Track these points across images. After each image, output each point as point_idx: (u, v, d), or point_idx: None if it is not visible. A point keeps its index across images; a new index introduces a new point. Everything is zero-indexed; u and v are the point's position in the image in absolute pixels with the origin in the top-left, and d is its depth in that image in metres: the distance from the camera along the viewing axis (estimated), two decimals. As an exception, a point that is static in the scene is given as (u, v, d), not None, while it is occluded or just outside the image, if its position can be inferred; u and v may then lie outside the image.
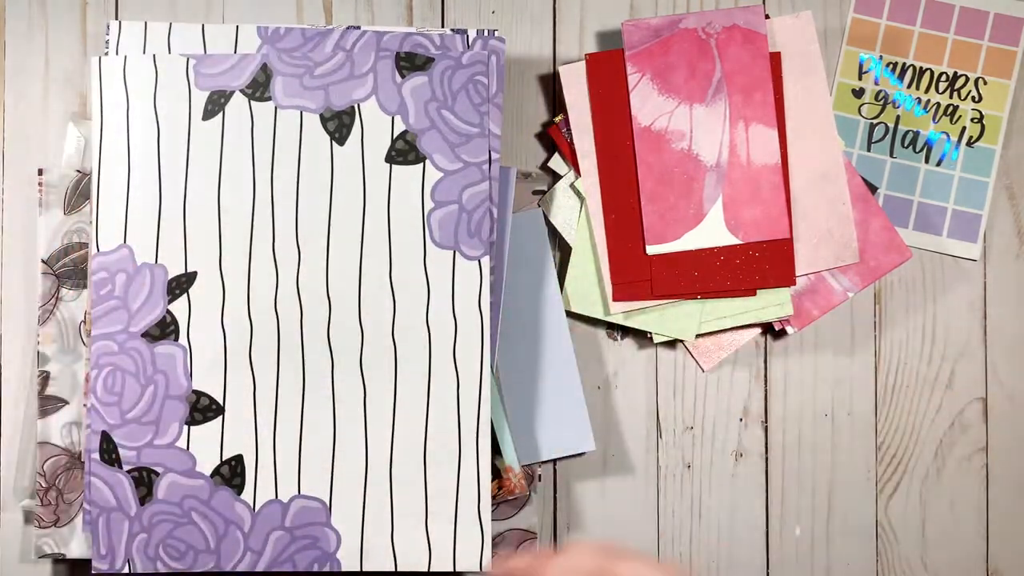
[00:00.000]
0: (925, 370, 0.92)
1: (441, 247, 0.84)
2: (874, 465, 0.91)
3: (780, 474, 0.90)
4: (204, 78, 0.85)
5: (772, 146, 0.87)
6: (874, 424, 0.91)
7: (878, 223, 0.89)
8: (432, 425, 0.83)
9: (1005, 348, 0.92)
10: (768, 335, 0.91)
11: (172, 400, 0.83)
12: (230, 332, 0.83)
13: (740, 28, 0.87)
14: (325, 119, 0.84)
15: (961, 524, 0.92)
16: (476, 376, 0.83)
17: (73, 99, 0.90)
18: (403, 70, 0.84)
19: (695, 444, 0.90)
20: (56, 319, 0.86)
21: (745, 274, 0.87)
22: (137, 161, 0.84)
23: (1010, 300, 0.92)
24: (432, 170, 0.84)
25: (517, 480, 0.85)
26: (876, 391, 0.91)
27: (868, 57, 0.91)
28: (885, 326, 0.92)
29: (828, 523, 0.91)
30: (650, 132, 0.87)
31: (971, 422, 0.92)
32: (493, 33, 0.85)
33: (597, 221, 0.88)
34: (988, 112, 0.91)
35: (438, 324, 0.83)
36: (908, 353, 0.92)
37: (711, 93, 0.87)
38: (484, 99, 0.84)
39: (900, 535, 0.91)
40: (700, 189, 0.87)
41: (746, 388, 0.91)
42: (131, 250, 0.84)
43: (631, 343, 0.91)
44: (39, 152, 0.89)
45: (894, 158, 0.91)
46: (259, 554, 0.83)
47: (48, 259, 0.86)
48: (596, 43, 0.91)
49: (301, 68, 0.84)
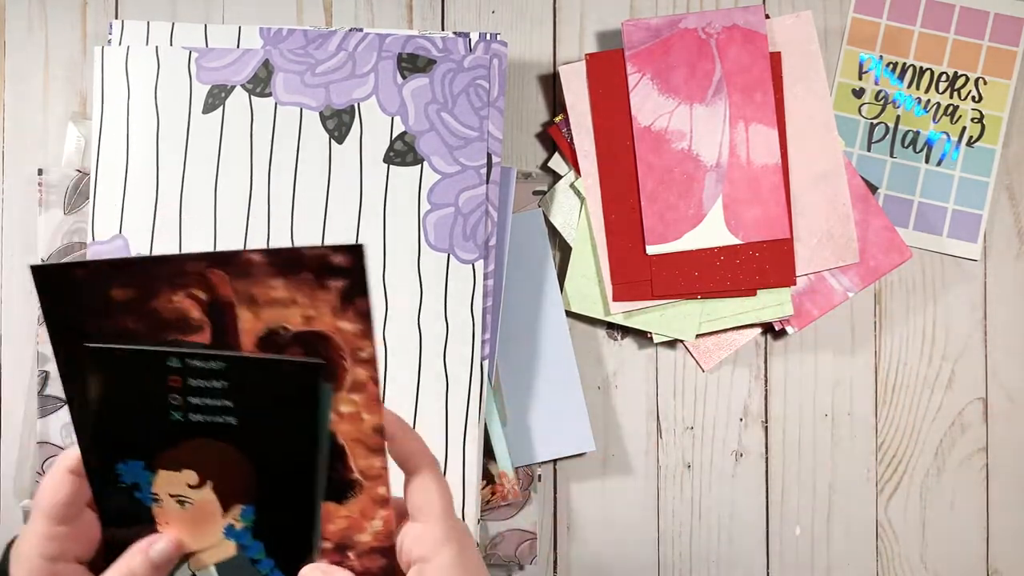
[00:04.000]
0: (925, 370, 0.91)
1: (436, 249, 0.84)
2: (874, 465, 0.91)
3: (780, 474, 0.90)
4: (205, 72, 0.85)
5: (772, 146, 0.87)
6: (874, 424, 0.91)
7: (878, 223, 0.89)
8: (419, 426, 0.83)
9: (1005, 348, 0.92)
10: (768, 335, 0.91)
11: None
12: (224, 327, 0.83)
13: (740, 28, 0.87)
14: (325, 117, 0.84)
15: (961, 524, 0.91)
16: (465, 380, 0.83)
17: (73, 99, 0.90)
18: (404, 71, 0.84)
19: (695, 444, 0.90)
20: (56, 319, 0.86)
21: (745, 274, 0.86)
22: (136, 152, 0.84)
23: (1010, 300, 0.92)
24: (430, 172, 0.84)
25: (511, 486, 0.85)
26: (876, 391, 0.91)
27: (868, 57, 0.91)
28: (885, 326, 0.91)
29: (828, 523, 0.90)
30: (650, 132, 0.87)
31: (971, 422, 0.92)
32: (495, 36, 0.85)
33: (597, 221, 0.88)
34: (988, 112, 0.91)
35: (429, 326, 0.83)
36: (908, 353, 0.91)
37: (711, 93, 0.87)
38: (484, 103, 0.84)
39: (900, 535, 0.91)
40: (700, 189, 0.87)
41: (746, 388, 0.90)
42: (126, 240, 0.84)
43: (631, 343, 0.91)
44: (39, 152, 0.89)
45: (894, 158, 0.91)
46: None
47: (48, 259, 0.86)
48: (596, 43, 0.91)
49: (303, 65, 0.84)
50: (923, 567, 0.91)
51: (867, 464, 0.91)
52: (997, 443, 0.92)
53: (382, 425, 0.53)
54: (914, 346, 0.91)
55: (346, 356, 0.51)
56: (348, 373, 0.51)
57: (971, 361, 0.92)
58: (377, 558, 0.57)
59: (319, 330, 0.51)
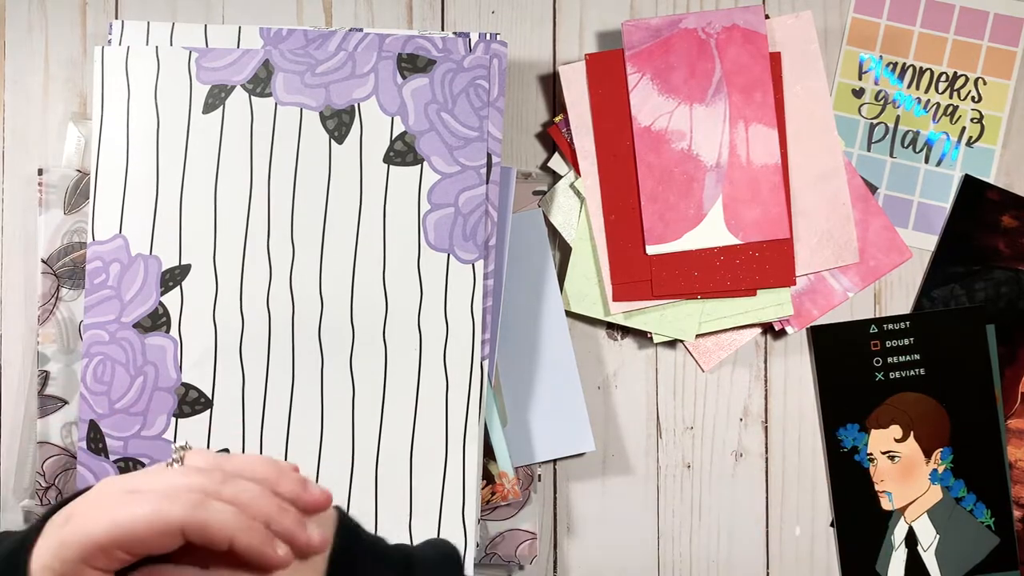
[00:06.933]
0: (925, 370, 0.91)
1: (436, 249, 0.84)
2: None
3: (780, 474, 0.90)
4: (205, 72, 0.85)
5: (772, 146, 0.87)
6: (874, 424, 0.91)
7: (878, 223, 0.89)
8: (419, 427, 0.83)
9: (1006, 348, 0.92)
10: (768, 335, 0.91)
11: (161, 392, 0.83)
12: (221, 326, 0.83)
13: (740, 28, 0.87)
14: (325, 117, 0.84)
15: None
16: (465, 380, 0.83)
17: (73, 99, 0.90)
18: (404, 71, 0.84)
19: (695, 444, 0.90)
20: (56, 319, 0.86)
21: (745, 274, 0.86)
22: (136, 152, 0.84)
23: (1011, 300, 0.92)
24: (430, 172, 0.84)
25: (511, 486, 0.85)
26: (876, 391, 0.91)
27: (868, 57, 0.91)
28: (885, 326, 0.91)
29: (828, 523, 0.90)
30: (650, 132, 0.87)
31: (972, 422, 0.91)
32: (495, 36, 0.85)
33: (597, 221, 0.88)
34: (988, 112, 0.91)
35: (429, 326, 0.83)
36: (909, 353, 0.91)
37: (711, 93, 0.87)
38: (484, 103, 0.84)
39: (900, 535, 0.91)
40: (700, 189, 0.87)
41: (746, 388, 0.90)
42: (126, 240, 0.84)
43: (631, 343, 0.91)
44: (39, 152, 0.90)
45: (894, 158, 0.91)
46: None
47: (48, 259, 0.86)
48: (596, 43, 0.91)
49: (302, 65, 0.84)
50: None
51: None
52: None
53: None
54: (914, 346, 0.91)
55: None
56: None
57: (971, 361, 0.92)
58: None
59: None
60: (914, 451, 0.78)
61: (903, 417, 0.79)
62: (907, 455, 0.79)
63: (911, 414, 0.79)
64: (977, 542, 0.82)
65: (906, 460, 0.79)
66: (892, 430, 0.79)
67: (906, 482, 0.79)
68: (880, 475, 0.81)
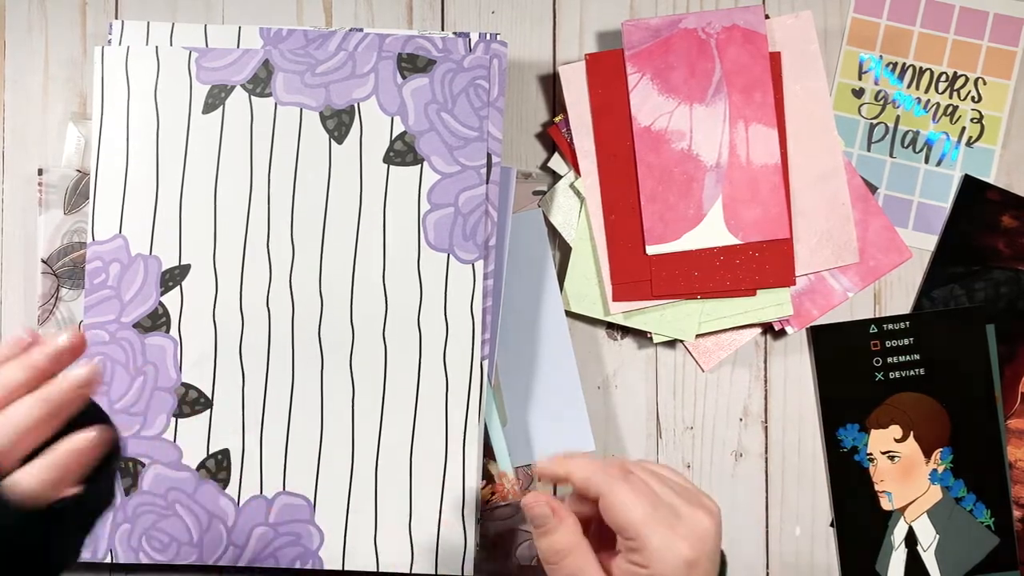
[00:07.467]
0: (925, 370, 0.91)
1: (435, 249, 0.84)
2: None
3: (780, 474, 0.90)
4: (205, 72, 0.85)
5: (772, 146, 0.87)
6: (874, 424, 0.91)
7: (878, 223, 0.89)
8: (419, 427, 0.83)
9: (1006, 348, 0.92)
10: (768, 335, 0.91)
11: (161, 392, 0.83)
12: (221, 326, 0.84)
13: (740, 28, 0.87)
14: (325, 117, 0.84)
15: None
16: (465, 380, 0.83)
17: (73, 99, 0.90)
18: (404, 71, 0.84)
19: (695, 444, 0.90)
20: (56, 319, 0.86)
21: (745, 274, 0.86)
22: (136, 152, 0.85)
23: (1011, 300, 0.92)
24: (429, 172, 0.84)
25: (511, 486, 0.85)
26: (876, 391, 0.91)
27: (868, 57, 0.91)
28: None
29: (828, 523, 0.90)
30: (650, 132, 0.87)
31: (972, 422, 0.91)
32: (495, 36, 0.85)
33: (597, 221, 0.88)
34: (988, 112, 0.91)
35: (429, 326, 0.83)
36: (908, 353, 0.91)
37: (711, 93, 0.87)
38: (484, 103, 0.84)
39: (900, 535, 0.91)
40: (700, 189, 0.87)
41: (746, 388, 0.90)
42: (126, 240, 0.84)
43: (631, 343, 0.91)
44: (39, 152, 0.90)
45: (894, 158, 0.91)
46: (242, 549, 0.83)
47: (48, 259, 0.86)
48: (596, 43, 0.91)
49: (302, 65, 0.84)
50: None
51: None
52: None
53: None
54: (914, 346, 0.91)
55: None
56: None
57: (971, 361, 0.92)
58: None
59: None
60: (914, 451, 0.78)
61: (903, 417, 0.79)
62: (907, 455, 0.79)
63: (911, 414, 0.79)
64: (977, 542, 0.82)
65: (906, 460, 0.79)
66: (892, 430, 0.79)
67: (906, 482, 0.80)
68: (880, 475, 0.81)
